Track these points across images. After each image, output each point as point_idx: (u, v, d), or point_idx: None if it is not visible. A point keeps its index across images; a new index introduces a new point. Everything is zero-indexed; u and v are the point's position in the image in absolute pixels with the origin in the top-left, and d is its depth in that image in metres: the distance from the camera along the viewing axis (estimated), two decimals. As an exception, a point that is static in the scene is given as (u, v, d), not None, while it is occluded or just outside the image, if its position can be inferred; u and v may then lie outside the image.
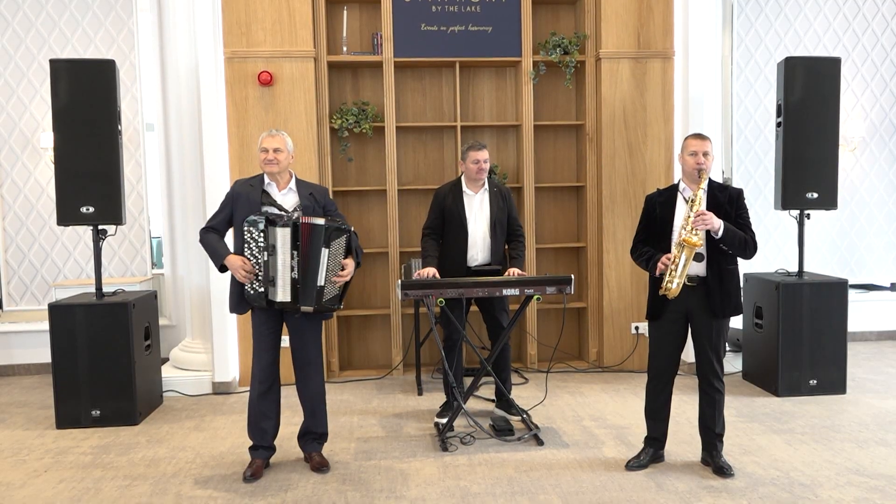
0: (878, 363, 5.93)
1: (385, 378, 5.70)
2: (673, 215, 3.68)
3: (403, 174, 5.93)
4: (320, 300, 3.65)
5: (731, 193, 3.69)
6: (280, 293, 3.60)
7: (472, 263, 4.50)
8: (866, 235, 6.87)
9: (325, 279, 3.64)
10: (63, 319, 4.57)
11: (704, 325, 3.65)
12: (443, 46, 5.70)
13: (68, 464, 4.01)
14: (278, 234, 3.57)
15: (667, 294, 3.57)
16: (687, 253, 3.51)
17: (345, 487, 3.62)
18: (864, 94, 6.80)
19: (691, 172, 3.63)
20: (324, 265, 3.62)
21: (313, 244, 3.59)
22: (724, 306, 3.63)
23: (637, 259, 3.79)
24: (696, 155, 3.60)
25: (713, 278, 3.61)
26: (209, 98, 5.25)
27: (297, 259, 3.58)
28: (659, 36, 5.67)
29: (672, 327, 3.70)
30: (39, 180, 6.22)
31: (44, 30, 6.15)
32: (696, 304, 3.63)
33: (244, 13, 5.33)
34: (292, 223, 3.57)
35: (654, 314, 3.74)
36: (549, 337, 5.95)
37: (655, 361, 3.77)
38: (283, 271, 3.58)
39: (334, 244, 3.65)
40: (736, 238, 3.56)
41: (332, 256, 3.65)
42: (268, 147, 3.69)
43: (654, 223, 3.74)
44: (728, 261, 3.64)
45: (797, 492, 3.48)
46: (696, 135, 3.70)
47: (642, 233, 3.82)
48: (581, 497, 3.45)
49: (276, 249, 3.58)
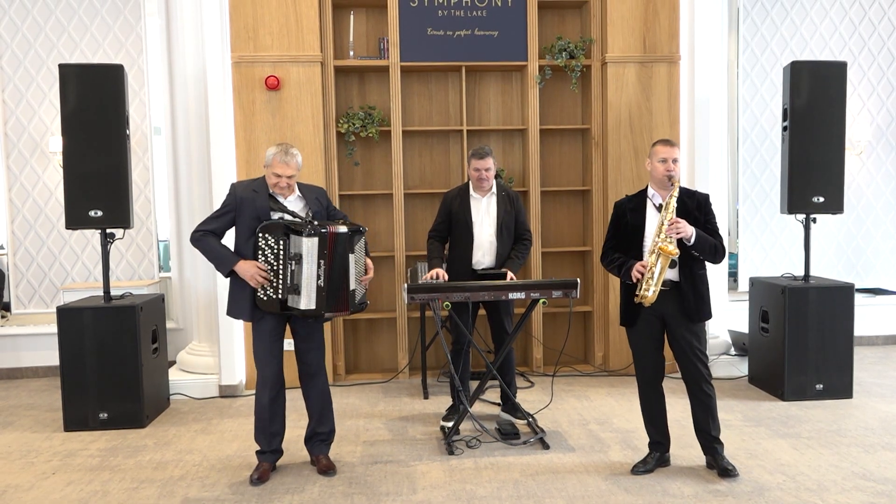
0: (884, 367, 5.91)
1: (391, 381, 5.71)
2: (644, 222, 3.70)
3: (410, 178, 5.95)
4: (354, 302, 3.72)
5: (699, 199, 3.72)
6: (304, 301, 3.59)
7: (477, 267, 4.51)
8: (873, 239, 6.85)
9: (356, 282, 3.71)
10: (71, 322, 4.60)
11: (682, 331, 3.66)
12: (449, 51, 5.71)
13: (76, 466, 4.03)
14: (304, 243, 3.56)
15: (643, 302, 3.58)
16: (663, 261, 3.52)
17: (351, 490, 3.63)
18: (871, 98, 6.79)
19: (661, 179, 3.65)
20: (353, 270, 3.67)
21: (342, 252, 3.62)
22: (700, 310, 3.65)
23: (608, 266, 3.81)
24: (666, 162, 3.63)
25: (686, 283, 3.63)
26: (216, 102, 5.28)
27: (323, 268, 3.58)
28: (665, 40, 5.68)
29: (649, 330, 3.71)
30: (48, 184, 6.26)
31: (53, 34, 6.19)
32: (670, 309, 3.65)
33: (252, 18, 5.36)
34: (319, 233, 3.56)
35: (629, 321, 3.75)
36: (554, 340, 5.95)
37: (641, 367, 3.80)
38: (309, 280, 3.58)
39: (357, 247, 3.70)
40: (707, 244, 3.59)
41: (357, 260, 3.72)
42: (282, 174, 3.64)
43: (625, 230, 3.76)
44: (698, 266, 3.67)
45: (803, 496, 3.47)
46: (665, 141, 3.73)
47: (612, 239, 3.83)
48: (587, 501, 3.46)
49: (301, 258, 3.56)
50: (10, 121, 6.21)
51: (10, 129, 6.22)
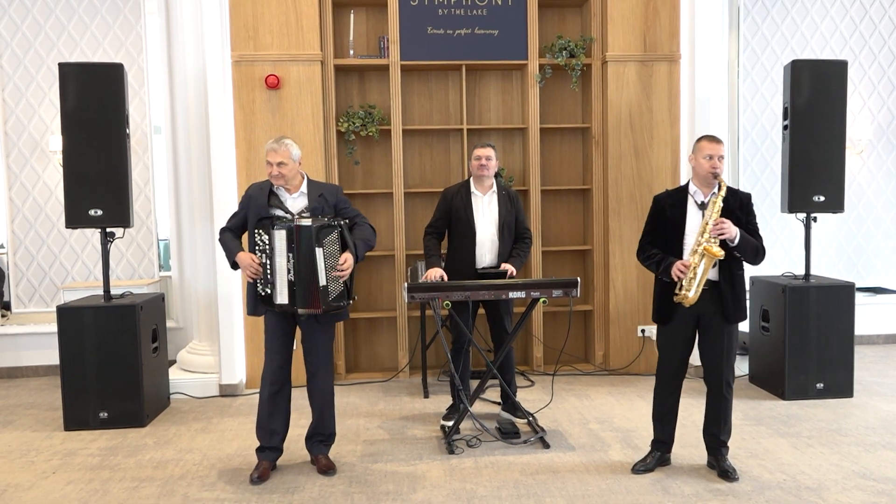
0: (885, 366, 5.91)
1: (391, 381, 5.71)
2: (684, 219, 3.63)
3: (410, 177, 5.95)
4: (326, 300, 3.64)
5: (741, 198, 3.65)
6: (279, 296, 3.63)
7: (479, 265, 4.50)
8: (873, 238, 6.85)
9: (326, 278, 3.63)
10: (71, 321, 4.60)
11: (718, 331, 3.62)
12: (449, 49, 5.71)
13: (76, 465, 4.03)
14: (275, 236, 3.60)
15: (683, 302, 3.53)
16: (706, 262, 3.47)
17: (351, 490, 3.63)
18: (871, 97, 6.79)
19: (706, 176, 3.58)
20: (321, 265, 3.61)
21: (306, 245, 3.59)
22: (737, 311, 3.61)
23: (645, 261, 3.74)
24: (713, 159, 3.55)
25: (725, 283, 3.58)
26: (216, 101, 5.28)
27: (292, 262, 3.59)
28: (665, 39, 5.67)
29: (682, 331, 3.67)
30: (48, 183, 6.25)
31: (52, 33, 6.19)
32: (707, 309, 3.59)
33: (251, 17, 5.36)
34: (286, 226, 3.59)
35: (664, 318, 3.69)
36: (555, 340, 5.95)
37: (665, 366, 3.75)
38: (281, 274, 3.61)
39: (326, 241, 3.63)
40: (749, 245, 3.55)
41: (328, 254, 3.64)
42: (271, 161, 3.69)
43: (664, 226, 3.69)
44: (737, 266, 3.62)
45: (804, 496, 3.47)
46: (711, 137, 3.63)
47: (649, 234, 3.76)
48: (587, 500, 3.45)
49: (274, 252, 3.61)
50: (10, 120, 6.21)
51: (10, 128, 6.21)
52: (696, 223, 3.60)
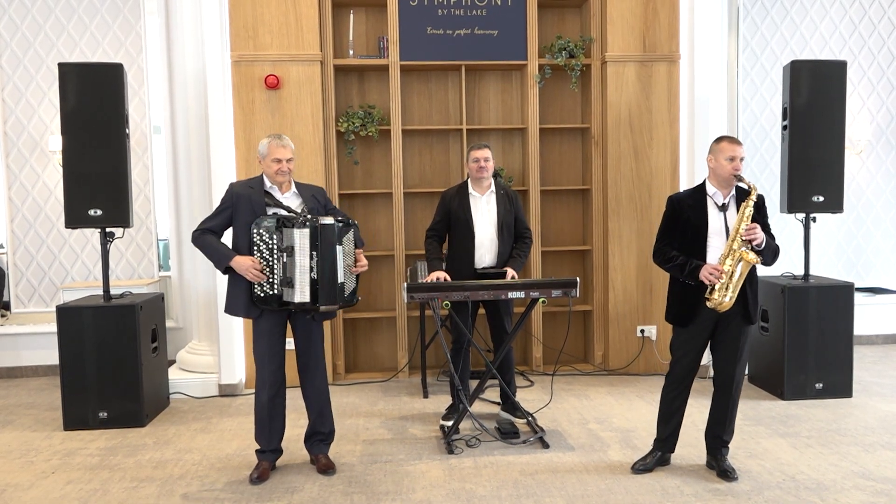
0: (884, 367, 5.91)
1: (391, 381, 5.71)
2: (706, 222, 3.60)
3: (409, 177, 5.95)
4: (342, 296, 3.71)
5: (757, 201, 3.64)
6: (298, 294, 3.61)
7: (479, 265, 4.50)
8: (873, 238, 6.85)
9: (344, 275, 3.71)
10: (71, 321, 4.60)
11: (737, 332, 3.63)
12: (449, 50, 5.71)
13: (76, 465, 4.03)
14: (296, 235, 3.58)
15: (717, 308, 3.51)
16: (743, 268, 3.47)
17: (351, 489, 3.63)
18: (871, 97, 6.79)
19: (728, 178, 3.56)
20: (341, 262, 3.68)
21: (330, 244, 3.63)
22: (754, 311, 3.64)
23: (664, 263, 3.67)
24: (734, 160, 3.53)
25: (747, 284, 3.59)
26: (216, 101, 5.28)
27: (315, 260, 3.60)
28: (664, 39, 5.67)
29: (701, 334, 3.66)
30: (48, 183, 6.26)
31: (52, 33, 6.19)
32: (730, 310, 3.57)
33: (251, 17, 5.36)
34: (311, 225, 3.59)
35: (684, 320, 3.66)
36: (554, 340, 5.95)
37: (678, 367, 3.72)
38: (301, 272, 3.60)
39: (345, 239, 3.71)
40: (771, 248, 3.58)
41: (347, 252, 3.72)
42: (282, 158, 3.69)
43: (683, 227, 3.64)
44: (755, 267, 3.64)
45: (803, 496, 3.47)
46: (731, 138, 3.62)
47: (667, 236, 3.70)
48: (586, 500, 3.46)
49: (293, 251, 3.58)
50: (10, 120, 6.21)
51: (10, 128, 6.21)
52: (717, 225, 3.60)
